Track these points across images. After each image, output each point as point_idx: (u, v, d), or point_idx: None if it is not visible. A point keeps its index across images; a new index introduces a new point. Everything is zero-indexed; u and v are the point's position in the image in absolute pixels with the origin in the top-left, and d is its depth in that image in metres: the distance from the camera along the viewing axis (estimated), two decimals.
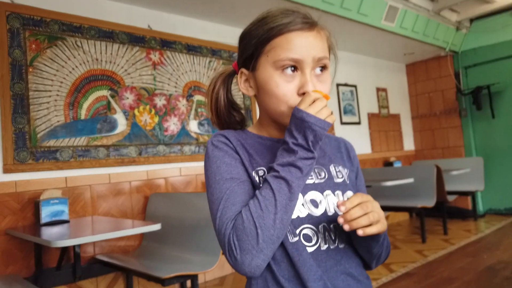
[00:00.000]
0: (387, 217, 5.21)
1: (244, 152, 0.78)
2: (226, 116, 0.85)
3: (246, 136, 0.82)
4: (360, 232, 0.65)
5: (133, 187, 3.04)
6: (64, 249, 2.49)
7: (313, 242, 0.74)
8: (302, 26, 0.75)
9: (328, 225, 0.76)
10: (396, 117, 5.77)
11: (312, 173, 0.79)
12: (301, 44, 0.74)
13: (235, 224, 0.68)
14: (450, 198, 4.80)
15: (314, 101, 0.70)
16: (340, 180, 0.82)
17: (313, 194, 0.77)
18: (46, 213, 2.43)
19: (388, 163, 5.35)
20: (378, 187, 4.21)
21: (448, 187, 4.66)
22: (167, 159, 3.22)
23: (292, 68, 0.74)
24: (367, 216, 0.66)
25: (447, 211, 4.64)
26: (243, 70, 0.81)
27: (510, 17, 5.01)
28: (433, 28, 4.78)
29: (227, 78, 0.86)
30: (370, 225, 0.66)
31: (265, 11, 0.79)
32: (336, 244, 0.76)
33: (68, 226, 2.40)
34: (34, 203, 2.54)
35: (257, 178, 0.75)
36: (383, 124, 5.51)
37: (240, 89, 0.82)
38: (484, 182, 5.01)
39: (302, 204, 0.75)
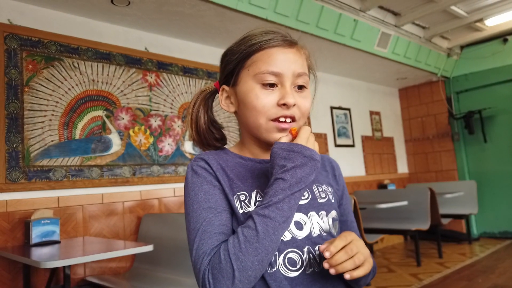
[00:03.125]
0: (381, 240, 5.17)
1: (224, 177, 0.76)
2: (206, 133, 0.85)
3: (227, 157, 0.81)
4: (347, 276, 0.65)
5: (126, 208, 3.01)
6: (54, 271, 2.45)
7: (298, 266, 0.73)
8: (282, 43, 0.78)
9: (313, 247, 0.75)
10: (389, 140, 5.82)
11: None
12: (281, 59, 0.76)
13: (211, 261, 0.67)
14: (444, 221, 4.78)
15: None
16: (323, 200, 0.80)
17: (297, 216, 0.75)
18: (36, 233, 2.40)
19: (382, 186, 5.36)
20: (372, 209, 4.20)
21: (442, 210, 4.66)
22: (161, 179, 3.21)
23: (271, 84, 0.76)
24: (352, 260, 0.65)
25: (441, 234, 4.62)
26: (224, 86, 0.82)
27: (500, 45, 5.15)
28: (424, 54, 4.89)
29: (208, 96, 0.87)
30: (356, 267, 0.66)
31: (246, 33, 0.82)
32: (322, 267, 0.74)
33: (59, 246, 2.36)
34: (24, 223, 2.51)
35: (238, 203, 0.74)
36: (376, 147, 5.55)
37: (221, 106, 0.83)
38: (478, 206, 5.02)
39: None
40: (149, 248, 2.11)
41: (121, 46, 3.16)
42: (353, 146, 5.19)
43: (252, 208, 0.74)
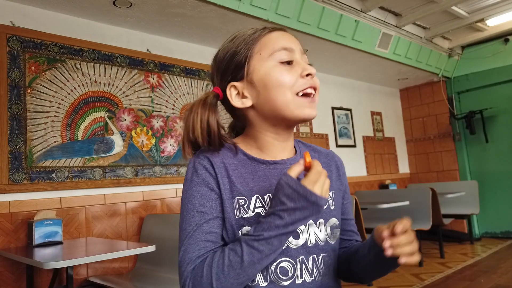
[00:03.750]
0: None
1: (226, 178, 0.76)
2: (218, 138, 0.79)
3: (231, 154, 0.79)
4: (402, 261, 0.65)
5: (129, 208, 3.02)
6: (57, 271, 2.46)
7: (289, 275, 0.73)
8: (275, 28, 0.81)
9: (307, 257, 0.75)
10: (391, 141, 5.82)
11: None
12: (286, 38, 0.80)
13: (194, 270, 0.69)
14: (446, 221, 4.78)
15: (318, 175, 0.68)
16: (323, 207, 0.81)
17: None
18: (39, 234, 2.41)
19: (383, 186, 5.36)
20: (373, 210, 4.20)
21: (444, 210, 4.66)
22: (163, 180, 3.23)
23: (287, 62, 0.77)
24: (411, 245, 0.66)
25: (443, 234, 4.62)
26: (233, 83, 0.79)
27: (501, 45, 5.15)
28: (425, 55, 4.89)
29: (215, 102, 0.80)
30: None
31: (230, 35, 0.84)
32: (313, 278, 0.74)
33: (62, 247, 2.37)
34: (27, 224, 2.52)
35: (236, 205, 0.74)
36: (378, 147, 5.56)
37: (234, 104, 0.79)
38: (480, 206, 5.02)
39: None
40: (151, 248, 2.12)
41: (123, 48, 3.18)
42: (354, 146, 5.19)
43: (250, 214, 0.74)
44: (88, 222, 2.80)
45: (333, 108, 5.00)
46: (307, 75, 0.76)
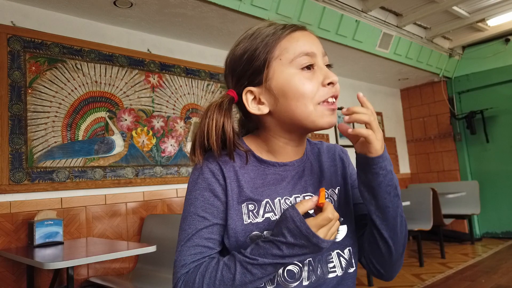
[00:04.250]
0: None
1: (235, 184, 0.74)
2: (233, 145, 0.75)
3: (242, 157, 0.77)
4: (350, 130, 0.69)
5: (129, 209, 3.02)
6: (57, 271, 2.45)
7: (296, 277, 0.72)
8: (296, 27, 0.76)
9: (314, 258, 0.74)
10: (391, 141, 5.81)
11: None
12: (308, 40, 0.75)
13: (187, 274, 0.69)
14: (447, 221, 4.79)
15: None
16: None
17: None
18: (40, 234, 2.41)
19: None
20: None
21: (444, 210, 4.66)
22: (163, 180, 3.22)
23: (308, 67, 0.73)
24: (368, 115, 0.68)
25: (444, 234, 4.61)
26: (250, 88, 0.75)
27: (502, 45, 5.14)
28: (426, 55, 4.89)
29: (230, 106, 0.77)
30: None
31: (249, 29, 0.78)
32: (317, 278, 0.74)
33: (62, 247, 2.37)
34: (28, 224, 2.52)
35: (245, 211, 0.74)
36: None
37: (250, 110, 0.75)
38: (480, 206, 5.01)
39: None
40: (152, 249, 2.11)
41: (124, 48, 3.18)
42: None
43: (260, 219, 0.73)
44: (88, 222, 2.80)
45: None
46: (329, 83, 0.73)
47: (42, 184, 2.63)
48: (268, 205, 0.75)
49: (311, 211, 0.69)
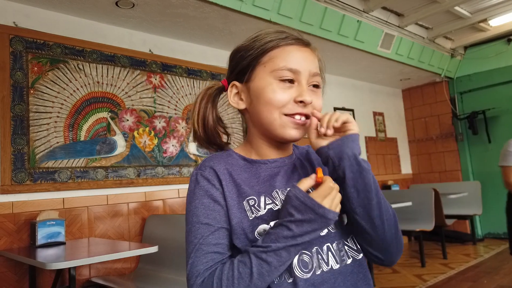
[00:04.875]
0: None
1: (232, 184, 0.76)
2: (214, 131, 0.84)
3: (233, 161, 0.80)
4: (336, 125, 0.73)
5: (131, 209, 3.02)
6: (59, 272, 2.46)
7: (309, 268, 0.72)
8: (298, 41, 0.78)
9: (321, 247, 0.74)
10: (393, 141, 5.81)
11: None
12: (299, 56, 0.77)
13: (203, 284, 0.68)
14: (448, 222, 4.78)
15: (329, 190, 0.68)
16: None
17: None
18: (42, 235, 2.41)
19: (386, 186, 5.35)
20: None
21: (446, 211, 4.65)
22: (165, 180, 3.23)
23: (289, 80, 0.76)
24: (330, 115, 0.74)
25: (445, 235, 4.61)
26: (235, 83, 0.81)
27: (504, 45, 5.14)
28: (428, 55, 4.88)
29: (215, 93, 0.85)
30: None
31: (257, 32, 0.81)
32: (330, 266, 0.74)
33: (64, 248, 2.38)
34: (30, 225, 2.52)
35: (247, 207, 0.74)
36: (380, 147, 5.55)
37: (230, 102, 0.82)
38: (482, 206, 5.00)
39: None
40: (153, 249, 2.12)
41: (126, 48, 3.18)
42: None
43: (263, 212, 0.74)
44: (90, 222, 2.80)
45: (335, 109, 4.99)
46: (300, 102, 0.75)
47: (44, 184, 2.64)
48: (267, 198, 0.76)
49: (311, 190, 0.71)
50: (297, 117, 0.76)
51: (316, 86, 0.79)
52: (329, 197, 0.67)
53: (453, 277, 3.61)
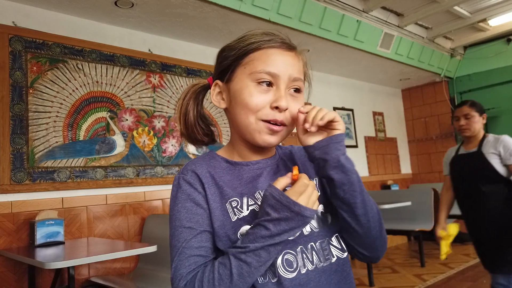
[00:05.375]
0: None
1: (215, 187, 0.76)
2: (194, 127, 0.84)
3: (215, 163, 0.80)
4: (320, 123, 0.71)
5: (130, 208, 3.02)
6: (59, 271, 2.46)
7: (294, 267, 0.72)
8: (281, 44, 0.77)
9: (305, 246, 0.74)
10: (393, 141, 5.81)
11: None
12: (279, 60, 0.75)
13: (186, 286, 0.69)
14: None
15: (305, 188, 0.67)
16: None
17: None
18: (41, 234, 2.41)
19: (385, 186, 5.35)
20: None
21: None
22: (164, 180, 3.22)
23: (268, 83, 0.74)
24: (317, 110, 0.72)
25: None
26: (218, 82, 0.81)
27: (504, 45, 5.13)
28: (428, 55, 4.88)
29: (200, 91, 0.86)
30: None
31: (245, 32, 0.81)
32: (315, 265, 0.74)
33: (63, 247, 2.38)
34: (29, 224, 2.52)
35: (230, 209, 0.74)
36: (380, 147, 5.54)
37: (212, 101, 0.82)
38: None
39: None
40: (153, 248, 2.12)
41: (125, 48, 3.18)
42: (356, 146, 5.18)
43: (245, 213, 0.74)
44: (89, 222, 2.80)
45: (334, 108, 4.99)
46: (276, 107, 0.73)
47: (43, 184, 2.64)
48: (250, 198, 0.76)
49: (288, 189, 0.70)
50: (272, 123, 0.74)
51: (297, 90, 0.77)
52: (305, 195, 0.66)
53: (452, 277, 3.61)
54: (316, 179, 0.84)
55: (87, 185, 2.82)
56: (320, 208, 0.79)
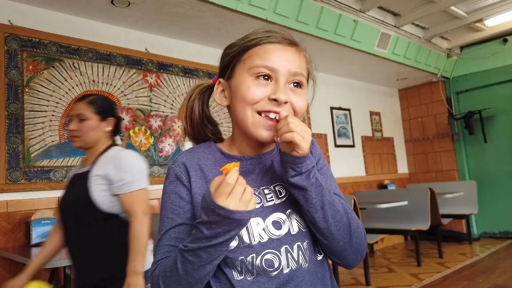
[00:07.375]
0: (382, 240, 5.17)
1: (203, 181, 0.77)
2: (199, 127, 0.86)
3: (209, 154, 0.81)
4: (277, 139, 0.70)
5: None
6: (54, 271, 2.45)
7: (276, 266, 0.72)
8: (281, 40, 0.77)
9: (291, 246, 0.74)
10: (389, 141, 5.82)
11: (272, 194, 0.78)
12: (278, 55, 0.75)
13: (154, 271, 0.73)
14: (445, 221, 4.80)
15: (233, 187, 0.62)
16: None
17: (276, 216, 0.75)
18: (37, 234, 2.40)
19: (382, 186, 5.36)
20: (372, 210, 4.21)
21: (442, 210, 4.67)
22: (161, 180, 3.22)
23: (266, 77, 0.74)
24: (288, 127, 0.68)
25: (441, 234, 4.62)
26: (220, 79, 0.82)
27: (500, 45, 5.15)
28: (424, 55, 4.89)
29: (205, 91, 0.87)
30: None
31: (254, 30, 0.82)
32: (300, 265, 0.74)
33: None
34: (25, 224, 2.51)
35: None
36: (377, 147, 5.56)
37: (215, 99, 0.82)
38: (478, 206, 5.02)
39: (263, 229, 0.73)
40: (150, 248, 2.10)
41: (122, 47, 3.17)
42: (353, 146, 5.19)
43: None
44: None
45: (331, 108, 5.00)
46: (274, 100, 0.72)
47: (39, 183, 2.62)
48: None
49: None
50: (272, 115, 0.73)
51: (297, 85, 0.76)
52: (233, 195, 0.61)
53: (449, 276, 3.62)
54: None
55: None
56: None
